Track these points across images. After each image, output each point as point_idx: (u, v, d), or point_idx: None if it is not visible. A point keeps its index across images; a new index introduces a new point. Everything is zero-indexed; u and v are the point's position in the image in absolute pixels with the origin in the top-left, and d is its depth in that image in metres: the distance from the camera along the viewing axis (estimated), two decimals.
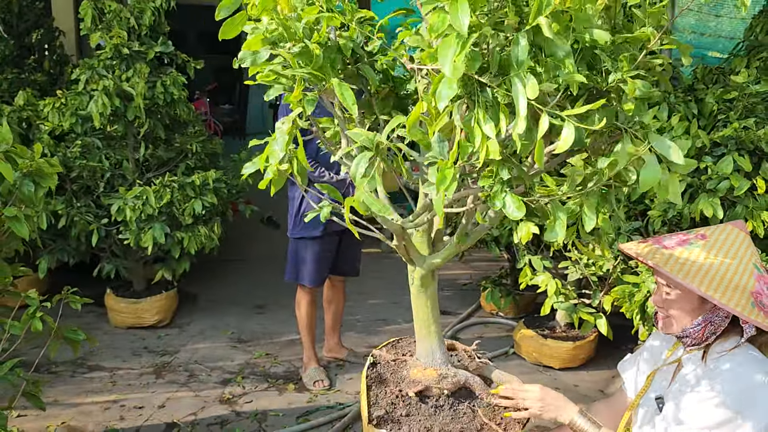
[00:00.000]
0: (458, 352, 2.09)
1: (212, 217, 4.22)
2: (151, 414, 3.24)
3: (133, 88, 3.94)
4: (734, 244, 1.68)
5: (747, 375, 1.60)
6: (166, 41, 4.15)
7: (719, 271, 1.61)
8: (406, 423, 1.76)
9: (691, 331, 1.71)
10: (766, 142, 2.72)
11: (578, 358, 3.70)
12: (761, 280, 1.63)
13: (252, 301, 4.81)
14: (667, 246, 1.72)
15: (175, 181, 3.97)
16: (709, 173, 2.75)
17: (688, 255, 1.64)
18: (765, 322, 1.55)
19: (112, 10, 4.05)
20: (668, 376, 1.82)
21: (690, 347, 1.75)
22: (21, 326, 1.81)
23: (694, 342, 1.73)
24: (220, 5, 1.44)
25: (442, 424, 1.79)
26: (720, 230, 1.73)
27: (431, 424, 1.77)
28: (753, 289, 1.59)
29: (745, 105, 2.90)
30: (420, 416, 1.80)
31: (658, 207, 2.85)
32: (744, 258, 1.66)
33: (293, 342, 4.07)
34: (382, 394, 1.85)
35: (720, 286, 1.58)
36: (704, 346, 1.71)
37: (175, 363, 3.81)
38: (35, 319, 1.80)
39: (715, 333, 1.69)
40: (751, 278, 1.61)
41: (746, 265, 1.63)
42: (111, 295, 4.31)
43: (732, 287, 1.58)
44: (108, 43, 3.96)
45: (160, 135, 4.26)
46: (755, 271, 1.62)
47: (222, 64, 12.73)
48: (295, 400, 3.39)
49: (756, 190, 2.69)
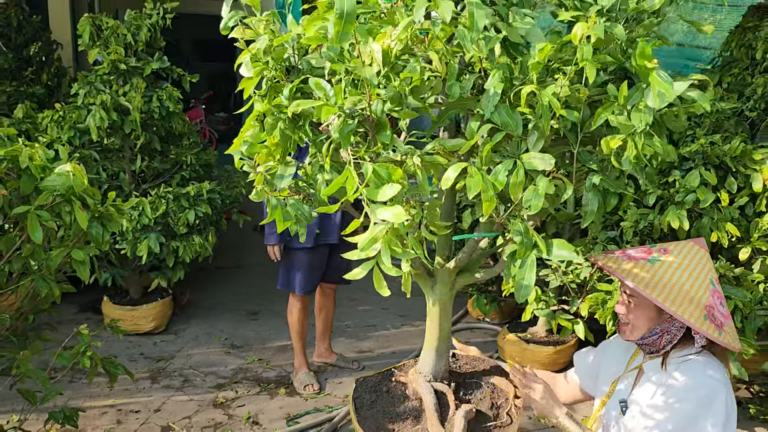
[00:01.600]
0: (458, 359, 2.19)
1: (206, 226, 4.35)
2: (147, 417, 3.36)
3: (130, 103, 4.07)
4: (693, 260, 1.81)
5: (703, 380, 1.74)
6: (161, 57, 4.29)
7: (676, 285, 1.74)
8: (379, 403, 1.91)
9: (649, 339, 1.85)
10: (731, 157, 2.88)
11: (559, 362, 3.83)
12: (715, 295, 1.76)
13: (245, 308, 4.94)
14: (632, 258, 1.86)
15: (170, 192, 4.11)
16: (677, 186, 2.91)
17: (649, 268, 1.78)
18: (714, 334, 1.68)
19: (110, 26, 4.18)
20: (631, 381, 1.96)
21: (649, 354, 1.90)
22: (69, 359, 1.96)
23: (653, 349, 1.87)
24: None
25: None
26: (682, 246, 1.86)
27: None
28: (707, 303, 1.72)
29: (712, 121, 3.06)
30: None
31: (630, 218, 3.00)
32: (701, 274, 1.79)
33: (285, 348, 4.20)
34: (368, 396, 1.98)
35: (676, 298, 1.71)
36: (663, 353, 1.85)
37: (170, 368, 3.93)
38: (84, 357, 1.95)
39: (671, 342, 1.83)
40: (706, 293, 1.74)
41: (703, 281, 1.76)
42: (108, 302, 4.43)
43: (687, 300, 1.71)
44: (106, 59, 4.09)
45: (155, 147, 4.40)
46: (710, 287, 1.76)
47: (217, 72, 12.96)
48: (286, 404, 3.53)
49: (720, 203, 2.84)
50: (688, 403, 1.73)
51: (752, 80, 3.49)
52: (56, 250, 1.89)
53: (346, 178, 1.21)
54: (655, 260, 1.81)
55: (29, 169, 1.72)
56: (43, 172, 1.77)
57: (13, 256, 1.85)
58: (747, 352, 2.63)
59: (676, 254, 1.82)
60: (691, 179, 2.87)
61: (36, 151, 1.78)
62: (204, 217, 4.16)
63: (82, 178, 1.82)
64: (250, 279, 5.61)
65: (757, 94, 3.41)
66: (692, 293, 1.73)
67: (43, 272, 1.91)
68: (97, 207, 1.92)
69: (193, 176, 4.59)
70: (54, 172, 1.76)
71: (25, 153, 1.72)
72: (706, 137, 2.94)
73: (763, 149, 2.93)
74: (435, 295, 1.95)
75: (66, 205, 1.78)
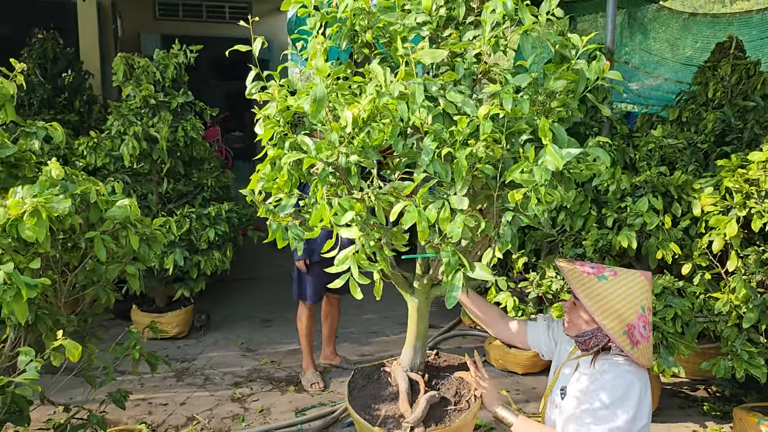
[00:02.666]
0: (440, 357, 2.69)
1: (225, 242, 4.87)
2: (174, 409, 3.87)
3: (158, 133, 4.62)
4: (633, 287, 2.16)
5: (622, 378, 2.13)
6: (186, 92, 4.84)
7: (610, 302, 2.11)
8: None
9: (581, 339, 2.29)
10: (675, 187, 3.35)
11: (537, 364, 4.30)
12: (641, 319, 2.12)
13: (259, 316, 5.46)
14: (586, 271, 2.25)
15: (193, 212, 4.64)
16: (628, 211, 3.38)
17: (595, 282, 2.16)
18: (627, 347, 2.07)
19: (141, 65, 4.74)
20: (571, 371, 2.41)
21: (582, 351, 2.35)
22: (121, 352, 2.48)
23: (584, 348, 2.30)
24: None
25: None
26: (629, 273, 2.21)
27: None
28: (630, 323, 2.09)
29: (661, 155, 3.54)
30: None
31: (591, 238, 3.48)
32: (635, 299, 2.13)
33: (295, 351, 4.71)
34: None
35: (605, 311, 2.10)
36: (593, 353, 2.29)
37: (192, 368, 4.45)
38: (134, 350, 2.48)
39: (598, 345, 2.24)
40: (632, 315, 2.10)
41: (634, 305, 2.12)
42: (136, 310, 4.96)
43: (614, 315, 2.08)
44: (138, 95, 4.64)
45: (180, 171, 4.94)
46: (639, 311, 2.12)
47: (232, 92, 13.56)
48: (294, 399, 4.02)
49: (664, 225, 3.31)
50: (608, 394, 2.15)
51: (705, 115, 3.96)
52: (113, 266, 2.40)
53: (323, 208, 1.73)
54: (603, 278, 2.18)
55: (97, 203, 2.24)
56: (106, 204, 2.29)
57: (79, 269, 2.37)
58: (684, 353, 3.09)
59: (621, 278, 2.18)
60: (640, 205, 3.35)
61: (100, 188, 2.30)
62: (223, 234, 4.68)
63: (135, 209, 2.33)
64: (263, 289, 6.13)
65: (708, 128, 3.88)
66: (620, 311, 2.10)
67: (103, 283, 2.43)
68: (145, 231, 2.44)
69: (213, 197, 5.12)
70: (115, 205, 2.28)
71: (93, 190, 2.23)
72: (654, 168, 3.42)
73: (702, 179, 3.40)
74: (413, 302, 2.45)
75: (123, 231, 2.30)
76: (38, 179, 2.09)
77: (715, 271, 3.34)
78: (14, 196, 2.00)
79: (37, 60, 6.44)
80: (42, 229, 1.91)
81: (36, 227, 1.90)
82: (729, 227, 3.12)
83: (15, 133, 2.43)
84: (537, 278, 3.88)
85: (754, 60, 4.23)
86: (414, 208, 1.67)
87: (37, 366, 1.78)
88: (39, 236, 1.88)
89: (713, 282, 3.34)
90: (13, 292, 1.83)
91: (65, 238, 2.27)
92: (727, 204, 3.23)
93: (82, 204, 2.24)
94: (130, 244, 2.33)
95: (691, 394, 4.11)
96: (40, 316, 2.06)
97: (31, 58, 6.42)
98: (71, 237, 2.27)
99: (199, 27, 13.23)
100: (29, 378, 1.73)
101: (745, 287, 3.06)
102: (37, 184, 2.06)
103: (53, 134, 2.49)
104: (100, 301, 2.45)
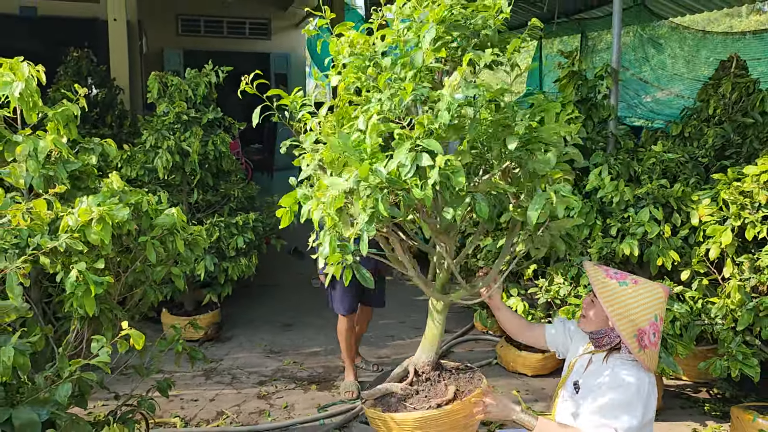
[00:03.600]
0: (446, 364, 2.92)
1: (250, 250, 5.16)
2: (204, 405, 4.14)
3: (190, 147, 4.93)
4: (650, 297, 2.33)
5: (632, 376, 2.32)
6: (216, 108, 5.16)
7: (626, 306, 2.29)
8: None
9: (595, 337, 2.48)
10: (674, 198, 3.58)
11: (546, 367, 4.52)
12: (653, 327, 2.30)
13: (281, 320, 5.73)
14: (609, 275, 2.41)
15: (222, 221, 4.94)
16: (631, 221, 3.62)
17: (616, 287, 2.33)
18: (635, 350, 2.26)
19: (174, 84, 5.06)
20: (584, 366, 2.61)
21: (595, 348, 2.55)
22: (165, 345, 2.76)
23: (598, 344, 2.49)
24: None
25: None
26: (649, 284, 2.38)
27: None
28: (641, 328, 2.27)
29: (663, 168, 3.78)
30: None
31: (596, 246, 3.72)
32: (650, 308, 2.31)
33: (315, 353, 4.97)
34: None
35: (620, 314, 2.28)
36: (605, 351, 2.49)
37: (220, 368, 4.72)
38: (177, 344, 2.76)
39: (610, 344, 2.41)
40: (645, 322, 2.28)
41: (648, 313, 2.29)
42: (166, 313, 5.25)
43: (627, 319, 2.27)
44: (171, 111, 4.96)
45: (209, 183, 5.24)
46: (652, 320, 2.30)
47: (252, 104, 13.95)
48: (316, 397, 4.28)
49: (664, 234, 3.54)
50: (622, 390, 2.34)
51: (706, 131, 4.19)
52: (160, 267, 2.69)
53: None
54: (624, 284, 2.35)
55: (148, 211, 2.52)
56: (155, 212, 2.57)
57: (131, 270, 2.66)
58: (682, 354, 3.31)
59: (641, 287, 2.34)
60: (642, 215, 3.58)
61: (150, 198, 2.58)
62: (250, 242, 4.97)
63: (181, 217, 2.62)
64: (284, 295, 6.42)
65: (708, 143, 4.11)
66: (634, 317, 2.28)
67: (151, 283, 2.72)
68: (188, 237, 2.72)
69: (239, 207, 5.42)
70: (163, 213, 2.56)
71: (145, 200, 2.52)
72: (655, 181, 3.66)
73: (701, 191, 3.63)
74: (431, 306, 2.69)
75: (170, 236, 2.58)
76: (101, 190, 2.37)
77: (713, 277, 3.56)
78: (80, 204, 2.29)
79: (72, 77, 6.80)
80: (107, 234, 2.20)
81: (102, 232, 2.18)
82: (724, 236, 3.35)
83: (75, 149, 2.72)
84: (546, 284, 4.12)
85: (753, 78, 4.46)
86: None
87: (108, 350, 2.05)
88: (105, 239, 2.17)
89: (711, 287, 3.55)
90: (84, 288, 2.11)
91: (120, 243, 2.56)
92: (723, 214, 3.46)
93: (136, 212, 2.53)
94: (176, 247, 2.61)
95: (693, 395, 4.31)
96: (102, 310, 2.34)
97: (67, 75, 6.79)
98: (126, 241, 2.55)
99: (220, 42, 13.69)
100: (102, 361, 2.00)
101: (739, 292, 3.28)
102: (101, 194, 2.35)
103: (108, 150, 2.78)
104: (148, 299, 2.73)
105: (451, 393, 2.42)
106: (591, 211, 3.83)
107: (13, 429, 1.88)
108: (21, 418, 1.89)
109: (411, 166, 1.85)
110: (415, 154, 1.86)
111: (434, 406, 2.38)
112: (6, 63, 2.43)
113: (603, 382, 2.36)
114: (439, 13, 2.07)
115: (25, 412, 1.91)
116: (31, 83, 2.44)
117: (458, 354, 5.12)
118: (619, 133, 4.19)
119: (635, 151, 4.26)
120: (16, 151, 2.43)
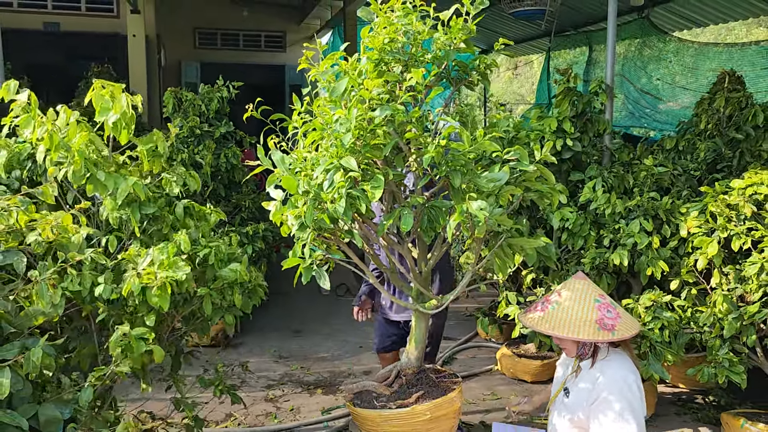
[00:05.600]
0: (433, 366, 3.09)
1: (260, 258, 5.36)
2: (214, 407, 4.33)
3: (203, 159, 5.15)
4: (575, 293, 2.47)
5: (620, 372, 2.47)
6: (228, 122, 5.38)
7: (568, 316, 2.43)
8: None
9: (579, 353, 2.61)
10: (663, 210, 3.72)
11: (545, 373, 4.66)
12: (601, 308, 2.45)
13: (290, 327, 5.93)
14: (540, 309, 2.55)
15: (233, 230, 5.14)
16: (622, 232, 3.76)
17: (550, 313, 2.47)
18: (608, 336, 2.38)
19: (189, 99, 5.29)
20: (575, 373, 2.75)
21: (583, 359, 2.68)
22: (207, 383, 2.94)
23: (584, 357, 2.62)
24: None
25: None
26: (567, 285, 2.53)
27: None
28: (595, 318, 2.40)
29: (654, 182, 3.92)
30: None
31: (589, 256, 3.86)
32: (584, 299, 2.44)
33: (323, 358, 5.15)
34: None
35: (571, 327, 2.40)
36: (590, 357, 2.63)
37: (230, 373, 4.90)
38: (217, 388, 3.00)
39: (591, 350, 2.54)
40: (591, 312, 2.41)
41: (587, 303, 2.43)
42: None
43: (579, 324, 2.39)
44: (185, 125, 5.19)
45: (221, 193, 5.46)
46: (595, 304, 2.44)
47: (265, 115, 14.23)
48: (321, 401, 4.45)
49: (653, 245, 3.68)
50: (609, 389, 2.48)
51: (698, 145, 4.32)
52: (214, 314, 2.72)
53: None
54: (554, 305, 2.49)
55: (213, 265, 2.53)
56: (220, 263, 2.56)
57: (183, 318, 2.75)
58: (670, 361, 3.44)
59: (564, 294, 2.49)
60: (632, 226, 3.72)
61: (221, 245, 2.57)
62: (259, 251, 5.17)
63: (243, 273, 2.59)
64: (293, 303, 6.61)
65: (700, 157, 4.25)
66: (581, 317, 2.40)
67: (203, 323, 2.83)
68: (247, 286, 2.74)
69: (250, 217, 5.63)
70: (228, 267, 2.55)
71: (213, 253, 2.52)
72: (646, 194, 3.80)
73: (690, 203, 3.76)
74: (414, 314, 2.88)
75: (229, 289, 2.60)
76: (167, 248, 2.34)
77: (701, 287, 3.68)
78: (146, 258, 2.30)
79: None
80: (165, 299, 2.23)
81: (162, 297, 2.22)
82: (711, 247, 3.48)
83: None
84: (543, 293, 4.26)
85: (747, 93, 4.59)
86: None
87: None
88: (163, 305, 2.23)
89: (700, 296, 3.68)
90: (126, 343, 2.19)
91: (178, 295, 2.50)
92: (710, 226, 3.59)
93: (203, 264, 2.52)
94: (232, 299, 2.62)
95: (688, 402, 4.42)
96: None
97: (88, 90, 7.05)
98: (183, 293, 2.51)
99: (236, 55, 14.01)
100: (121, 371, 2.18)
101: (726, 301, 3.41)
102: (167, 252, 2.33)
103: (189, 182, 2.80)
104: (198, 332, 2.86)
105: (414, 397, 2.65)
106: (585, 222, 3.97)
107: (38, 424, 2.07)
108: (46, 414, 2.08)
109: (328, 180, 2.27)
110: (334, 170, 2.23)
111: (394, 407, 2.64)
112: (108, 88, 2.42)
113: (594, 383, 2.48)
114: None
115: (50, 409, 2.09)
116: (126, 114, 2.42)
117: (461, 360, 5.27)
118: (613, 147, 4.33)
119: (630, 164, 4.40)
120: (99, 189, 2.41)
